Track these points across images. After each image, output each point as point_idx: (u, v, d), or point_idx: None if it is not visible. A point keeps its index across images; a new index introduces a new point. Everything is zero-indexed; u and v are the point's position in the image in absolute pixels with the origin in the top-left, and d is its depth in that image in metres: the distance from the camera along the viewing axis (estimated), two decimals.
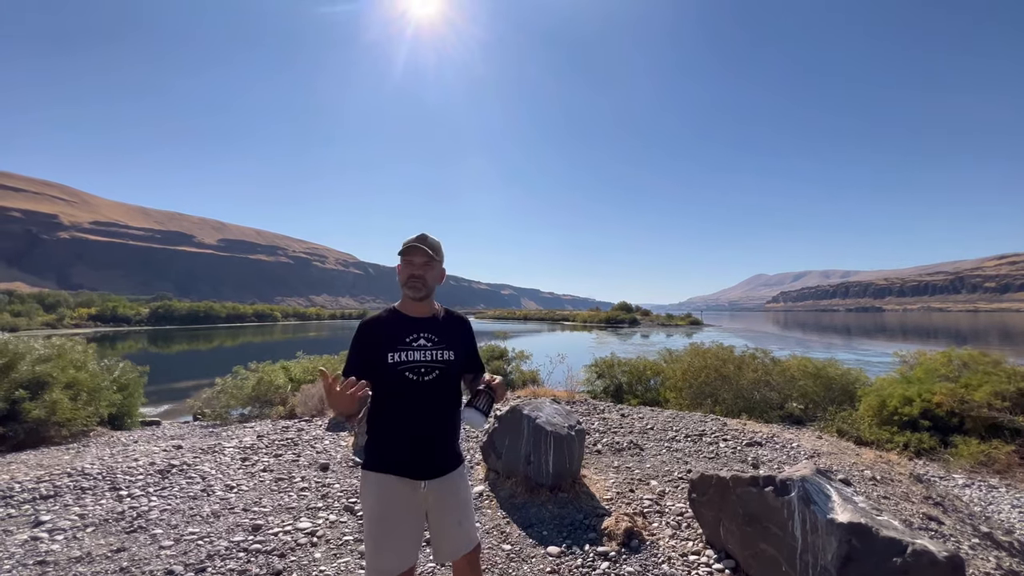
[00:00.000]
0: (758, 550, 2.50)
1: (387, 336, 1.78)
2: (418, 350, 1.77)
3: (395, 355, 1.74)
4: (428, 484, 1.74)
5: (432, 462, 1.77)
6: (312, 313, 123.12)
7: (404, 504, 1.72)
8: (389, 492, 1.72)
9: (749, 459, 4.76)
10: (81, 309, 68.20)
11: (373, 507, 1.72)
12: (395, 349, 1.75)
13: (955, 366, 6.94)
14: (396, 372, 1.73)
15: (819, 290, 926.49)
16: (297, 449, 5.27)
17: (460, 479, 1.84)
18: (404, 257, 1.82)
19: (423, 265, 1.82)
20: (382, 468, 1.74)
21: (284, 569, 2.75)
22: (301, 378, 9.10)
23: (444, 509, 1.77)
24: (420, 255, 1.81)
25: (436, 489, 1.76)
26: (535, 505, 3.53)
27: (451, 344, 1.84)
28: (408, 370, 1.74)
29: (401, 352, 1.75)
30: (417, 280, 1.81)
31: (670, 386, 9.25)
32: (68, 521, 3.32)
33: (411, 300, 1.85)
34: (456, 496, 1.81)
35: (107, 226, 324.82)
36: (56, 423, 5.79)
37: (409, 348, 1.76)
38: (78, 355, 6.98)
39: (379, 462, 1.75)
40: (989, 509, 4.42)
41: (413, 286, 1.81)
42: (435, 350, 1.79)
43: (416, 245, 1.81)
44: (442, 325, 1.88)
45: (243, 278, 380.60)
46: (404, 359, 1.74)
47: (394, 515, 1.71)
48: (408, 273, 1.82)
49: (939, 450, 5.87)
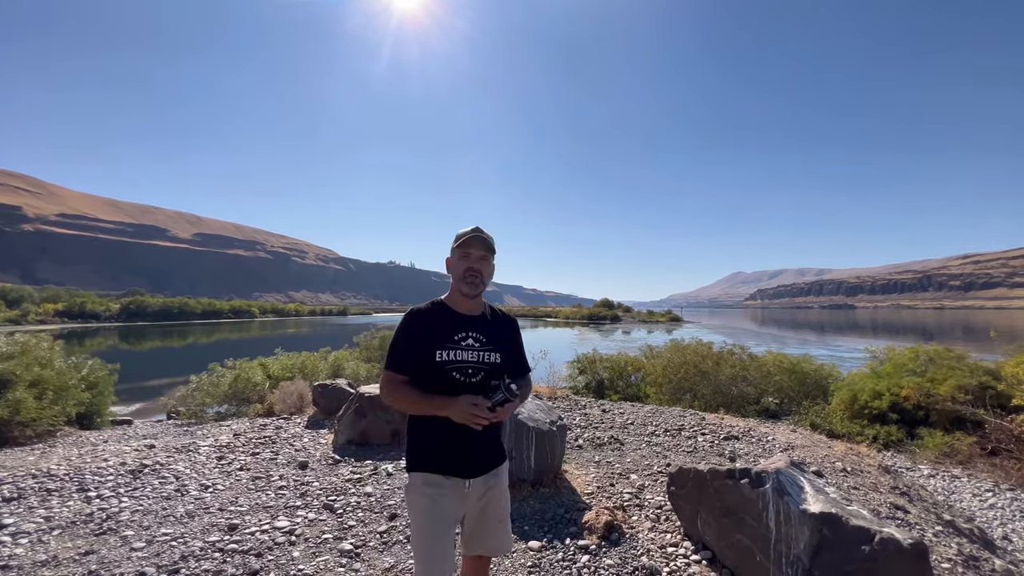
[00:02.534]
0: (734, 541, 2.55)
1: (437, 332, 1.68)
2: (466, 350, 1.67)
3: (444, 353, 1.65)
4: (472, 483, 1.67)
5: (477, 461, 1.69)
6: (291, 309, 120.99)
7: (452, 504, 1.65)
8: (440, 492, 1.63)
9: (726, 452, 4.86)
10: (47, 305, 65.61)
11: (426, 508, 1.62)
12: (444, 347, 1.65)
13: (922, 361, 7.21)
14: (444, 372, 1.64)
15: (795, 288, 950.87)
16: (275, 447, 5.18)
17: (504, 478, 1.79)
18: (461, 250, 1.70)
19: (481, 259, 1.71)
20: (429, 468, 1.65)
21: (261, 569, 2.70)
22: (279, 375, 8.95)
23: (489, 506, 1.71)
24: (479, 247, 1.70)
25: (480, 487, 1.69)
26: (516, 500, 3.54)
27: (498, 346, 1.75)
28: (456, 370, 1.65)
29: (450, 351, 1.65)
30: (475, 275, 1.70)
31: (650, 382, 9.39)
32: (33, 524, 3.19)
33: (464, 296, 1.73)
34: (501, 493, 1.76)
35: (75, 219, 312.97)
36: (20, 423, 5.58)
37: (457, 347, 1.67)
38: (43, 352, 6.73)
39: (426, 462, 1.67)
40: (952, 498, 4.61)
41: (471, 281, 1.70)
42: (483, 351, 1.70)
43: (477, 236, 1.70)
44: (491, 325, 1.79)
45: (220, 273, 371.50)
46: (452, 358, 1.65)
47: (445, 515, 1.63)
48: (466, 267, 1.70)
49: (906, 442, 6.09)
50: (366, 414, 5.09)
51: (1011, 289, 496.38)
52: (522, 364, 1.88)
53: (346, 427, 5.16)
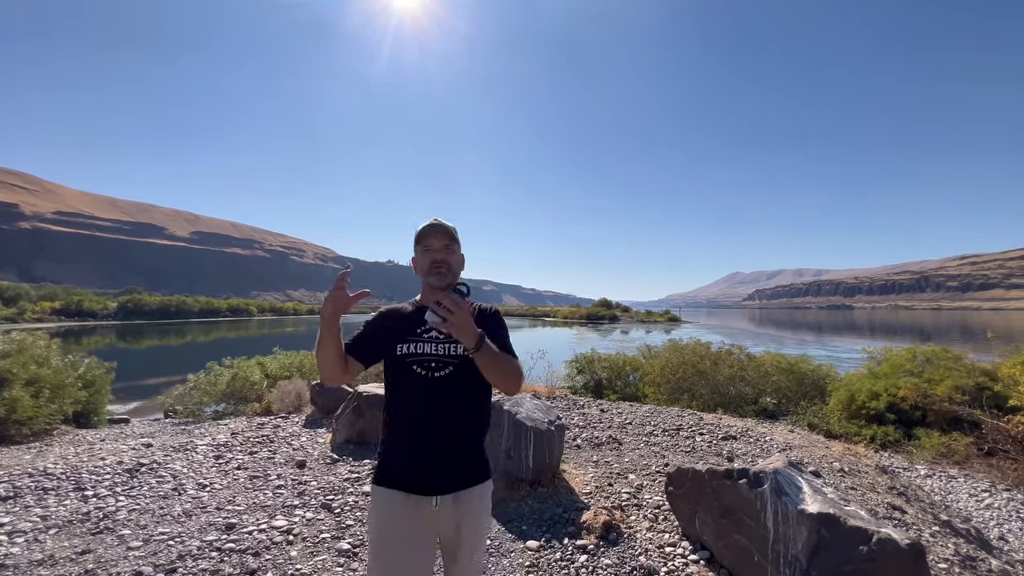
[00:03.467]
0: (732, 541, 2.56)
1: (402, 325, 1.60)
2: (429, 342, 1.55)
3: (404, 346, 1.55)
4: (442, 500, 1.47)
5: (445, 473, 1.50)
6: (289, 308, 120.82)
7: (410, 525, 1.47)
8: (395, 511, 1.48)
9: (724, 452, 4.87)
10: (44, 303, 65.37)
11: (376, 528, 1.50)
12: (404, 340, 1.56)
13: (919, 362, 7.23)
14: (403, 364, 1.54)
15: (793, 288, 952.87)
16: (273, 446, 5.17)
17: (480, 499, 1.57)
18: (421, 243, 1.63)
19: (444, 248, 1.63)
20: (387, 482, 1.50)
21: (259, 568, 2.70)
22: (277, 374, 8.93)
23: (458, 533, 1.52)
24: (439, 238, 1.62)
25: (452, 507, 1.49)
26: (515, 500, 3.54)
27: None
28: (416, 363, 1.53)
29: (410, 343, 1.55)
30: (440, 265, 1.61)
31: (649, 381, 9.40)
32: (29, 523, 3.18)
33: (435, 290, 1.62)
34: (474, 519, 1.54)
35: (72, 216, 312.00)
36: (16, 421, 5.56)
37: (419, 340, 1.56)
38: (40, 350, 6.70)
39: (384, 475, 1.52)
40: (948, 499, 4.63)
41: (438, 272, 1.61)
42: (449, 343, 1.55)
43: (434, 226, 1.62)
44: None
45: (217, 272, 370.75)
46: (412, 351, 1.54)
47: (399, 538, 1.46)
48: (429, 259, 1.61)
49: (903, 443, 6.11)
50: (364, 413, 5.08)
51: (1008, 290, 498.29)
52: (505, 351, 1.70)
53: (344, 426, 5.15)
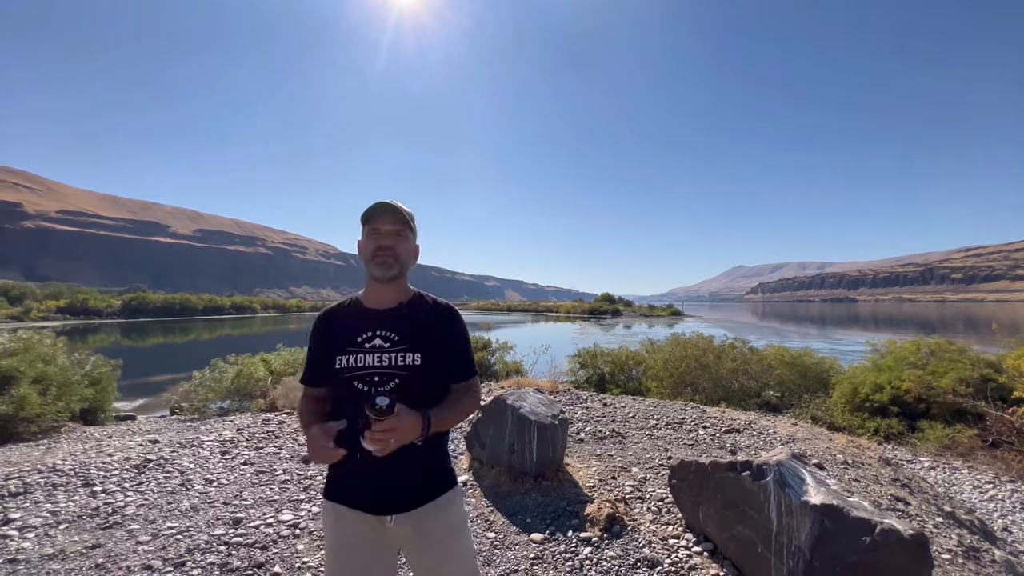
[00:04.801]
0: (735, 532, 2.57)
1: (339, 334, 1.40)
2: (371, 353, 1.35)
3: (343, 359, 1.35)
4: (398, 519, 1.34)
5: (398, 493, 1.35)
6: (292, 305, 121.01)
7: (363, 544, 1.35)
8: (346, 528, 1.36)
9: (727, 445, 4.88)
10: (49, 301, 65.75)
11: (330, 544, 1.38)
12: (344, 352, 1.36)
13: (923, 354, 7.22)
14: (343, 381, 1.34)
15: (796, 281, 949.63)
16: (278, 442, 5.20)
17: (442, 511, 1.39)
18: (369, 226, 1.38)
19: (392, 234, 1.38)
20: (337, 497, 1.37)
21: (266, 561, 2.73)
22: (282, 371, 8.97)
23: (421, 549, 1.37)
24: (388, 221, 1.38)
25: (409, 524, 1.35)
26: (519, 494, 3.56)
27: (418, 344, 1.37)
28: (357, 379, 1.33)
29: (349, 356, 1.35)
30: (386, 253, 1.37)
31: (651, 376, 9.40)
32: (39, 518, 3.22)
33: (377, 284, 1.42)
34: (433, 534, 1.38)
35: (75, 215, 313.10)
36: (24, 419, 5.61)
37: (360, 351, 1.35)
38: (46, 349, 6.75)
39: (334, 490, 1.39)
40: (952, 490, 4.63)
41: (382, 261, 1.37)
42: (394, 352, 1.35)
43: (383, 205, 1.37)
44: (408, 319, 1.41)
45: (220, 269, 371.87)
46: (352, 364, 1.34)
47: (353, 556, 1.35)
48: (375, 244, 1.37)
49: (907, 435, 6.11)
50: None
51: (1013, 282, 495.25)
52: (463, 367, 1.45)
53: None
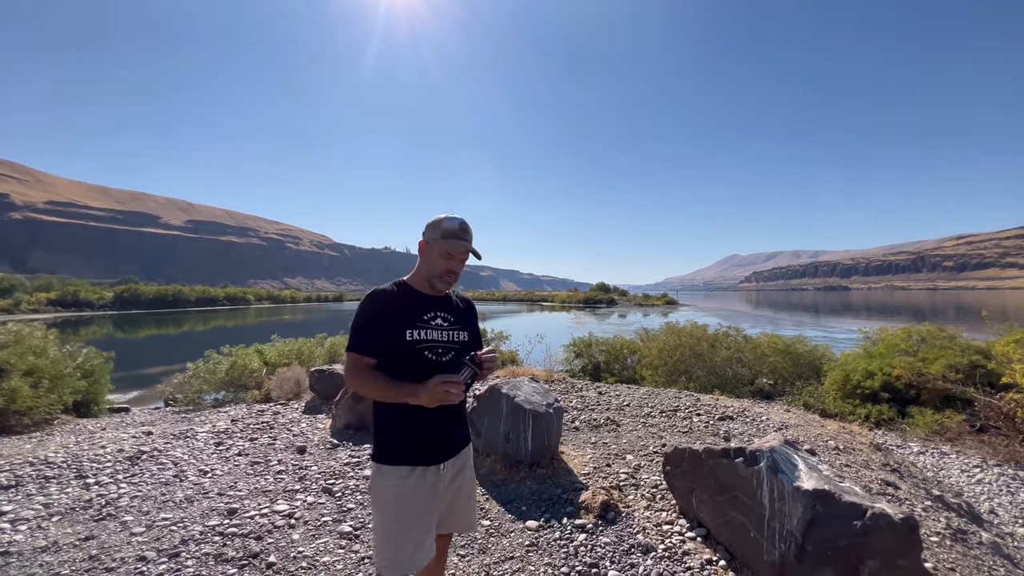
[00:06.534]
0: (728, 518, 2.59)
1: (405, 311, 1.65)
2: (436, 329, 1.67)
3: (414, 332, 1.62)
4: (446, 465, 1.70)
5: (451, 444, 1.73)
6: (287, 296, 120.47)
7: (429, 495, 1.64)
8: (414, 487, 1.62)
9: (721, 432, 4.92)
10: (39, 294, 65.05)
11: (395, 506, 1.61)
12: (413, 326, 1.63)
13: (914, 341, 7.28)
14: (415, 351, 1.62)
15: (789, 270, 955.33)
16: (273, 432, 5.20)
17: (470, 456, 1.85)
18: (446, 247, 1.66)
19: (463, 262, 1.72)
20: (404, 460, 1.63)
21: (261, 551, 2.73)
22: (276, 362, 8.94)
23: (460, 486, 1.77)
24: (465, 253, 1.70)
25: (452, 468, 1.73)
26: (514, 482, 3.58)
27: (465, 325, 1.78)
28: (428, 349, 1.63)
29: (420, 330, 1.64)
30: (454, 276, 1.71)
31: (646, 364, 9.45)
32: (32, 511, 3.21)
33: (435, 291, 1.74)
34: (469, 472, 1.82)
35: (64, 206, 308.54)
36: (16, 411, 5.57)
37: (428, 327, 1.65)
38: (37, 341, 6.69)
39: (401, 453, 1.63)
40: (941, 474, 4.70)
41: (449, 281, 1.71)
42: (451, 330, 1.71)
43: (467, 240, 1.69)
44: (456, 306, 1.80)
45: (213, 260, 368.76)
46: (424, 337, 1.63)
47: (421, 510, 1.62)
48: (447, 268, 1.68)
49: (897, 421, 6.18)
50: (363, 398, 5.10)
51: (1003, 269, 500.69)
52: (479, 344, 1.88)
53: (343, 412, 5.18)
